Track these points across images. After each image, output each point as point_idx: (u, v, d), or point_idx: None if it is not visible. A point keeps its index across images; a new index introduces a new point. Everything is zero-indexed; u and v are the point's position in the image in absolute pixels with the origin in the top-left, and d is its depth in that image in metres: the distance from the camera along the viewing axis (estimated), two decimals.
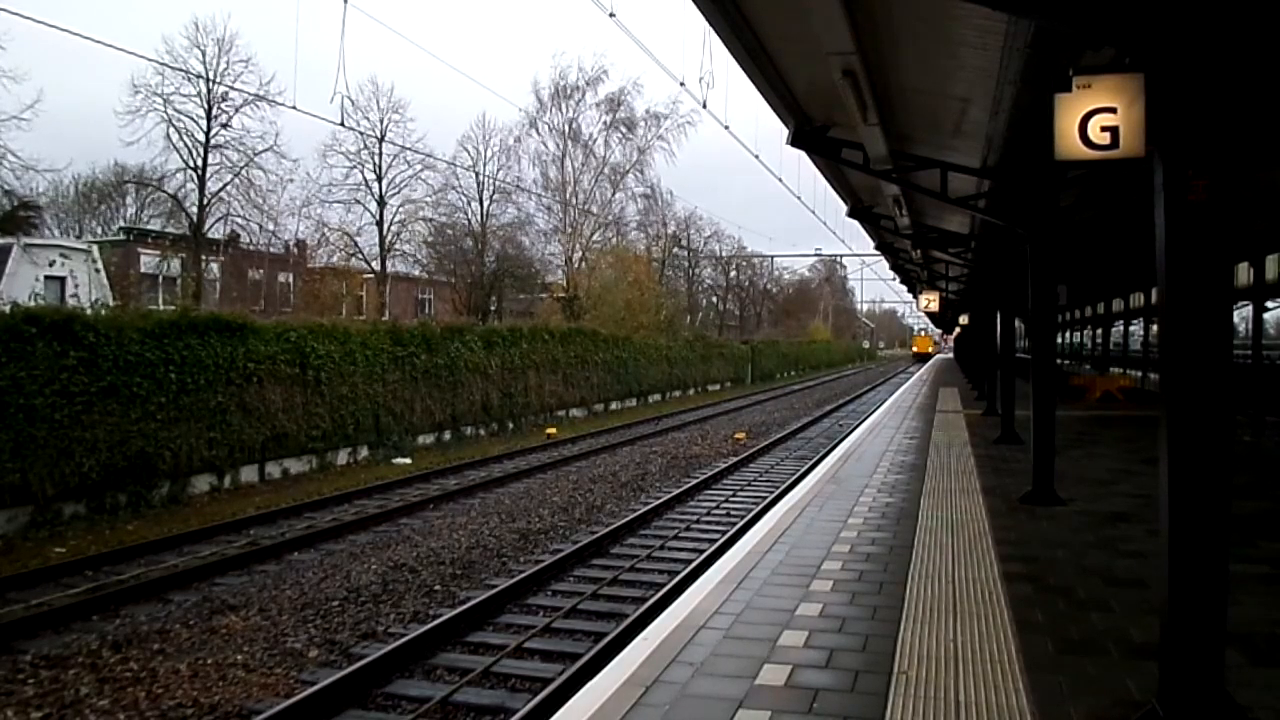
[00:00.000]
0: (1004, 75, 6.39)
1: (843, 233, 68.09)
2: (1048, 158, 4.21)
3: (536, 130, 43.57)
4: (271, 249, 34.21)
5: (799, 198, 24.84)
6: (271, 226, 33.19)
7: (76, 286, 23.31)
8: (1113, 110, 3.87)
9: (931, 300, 29.44)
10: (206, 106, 30.70)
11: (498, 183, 41.89)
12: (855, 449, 12.94)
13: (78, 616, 8.13)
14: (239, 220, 32.35)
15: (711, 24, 6.68)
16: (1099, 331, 36.93)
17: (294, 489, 15.05)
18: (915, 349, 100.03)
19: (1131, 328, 32.01)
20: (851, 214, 15.83)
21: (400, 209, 38.55)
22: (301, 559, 10.24)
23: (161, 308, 21.99)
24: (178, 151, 30.79)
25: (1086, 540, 6.99)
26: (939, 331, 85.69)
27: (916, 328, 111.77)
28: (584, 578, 9.30)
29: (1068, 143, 3.99)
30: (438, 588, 8.91)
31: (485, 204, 41.92)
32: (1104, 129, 3.90)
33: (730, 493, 14.23)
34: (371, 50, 77.14)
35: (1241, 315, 19.30)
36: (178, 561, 10.09)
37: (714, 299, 70.74)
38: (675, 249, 56.87)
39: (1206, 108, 3.43)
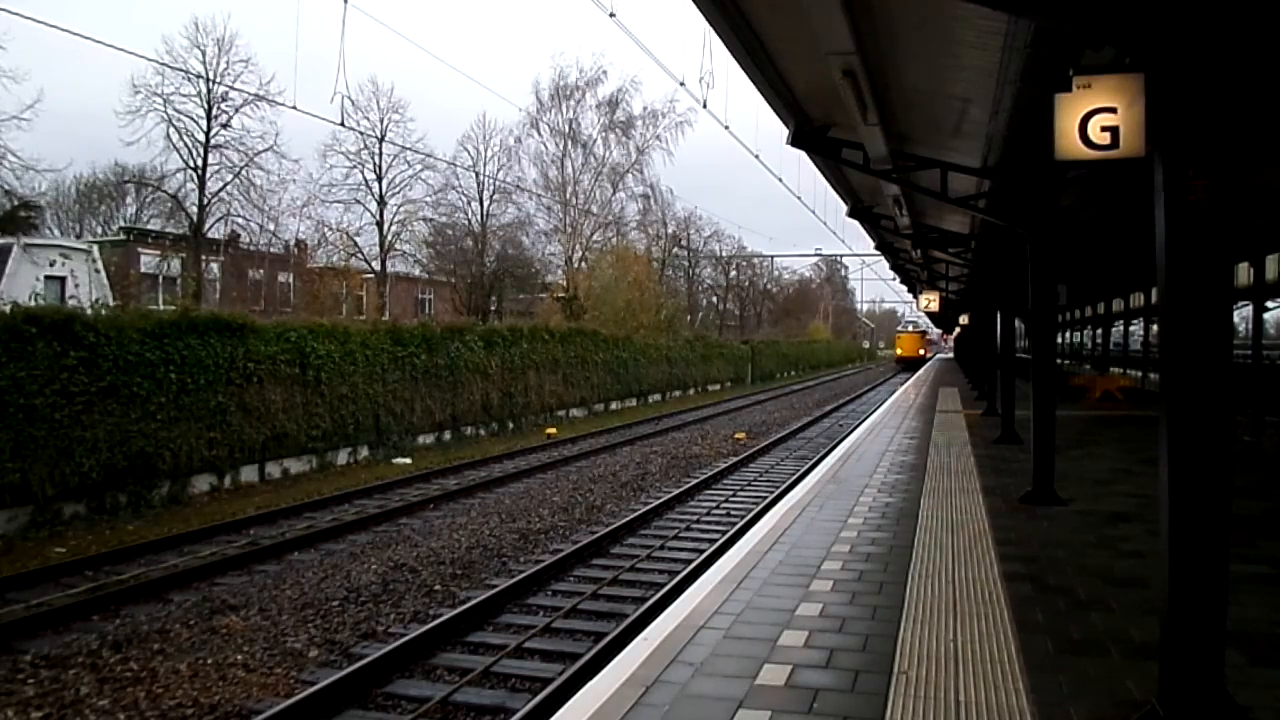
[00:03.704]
0: (1004, 75, 6.39)
1: (843, 233, 68.06)
2: (1048, 158, 4.21)
3: (537, 130, 43.65)
4: (271, 249, 34.23)
5: (799, 198, 24.86)
6: (271, 226, 33.30)
7: (76, 286, 23.28)
8: (1113, 110, 3.87)
9: (931, 300, 29.45)
10: (206, 106, 30.76)
11: (498, 183, 41.99)
12: (855, 449, 12.94)
13: (78, 616, 8.13)
14: (239, 220, 32.45)
15: (711, 24, 6.68)
16: (1099, 331, 36.93)
17: (294, 489, 15.05)
18: (899, 351, 69.79)
19: (1131, 328, 32.01)
20: (851, 214, 15.82)
21: (400, 209, 38.64)
22: (301, 559, 10.24)
23: (161, 308, 21.99)
24: (178, 151, 30.88)
25: (1086, 540, 6.99)
26: (938, 331, 75.73)
27: (904, 321, 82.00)
28: (584, 578, 9.30)
29: (1068, 143, 3.99)
30: (438, 587, 8.91)
31: (485, 204, 42.03)
32: (1104, 129, 3.90)
33: (730, 493, 14.23)
34: (371, 50, 77.24)
35: (1241, 315, 19.31)
36: (178, 561, 10.09)
37: (714, 299, 70.74)
38: (675, 249, 56.88)
39: (1206, 108, 3.44)
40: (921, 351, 68.44)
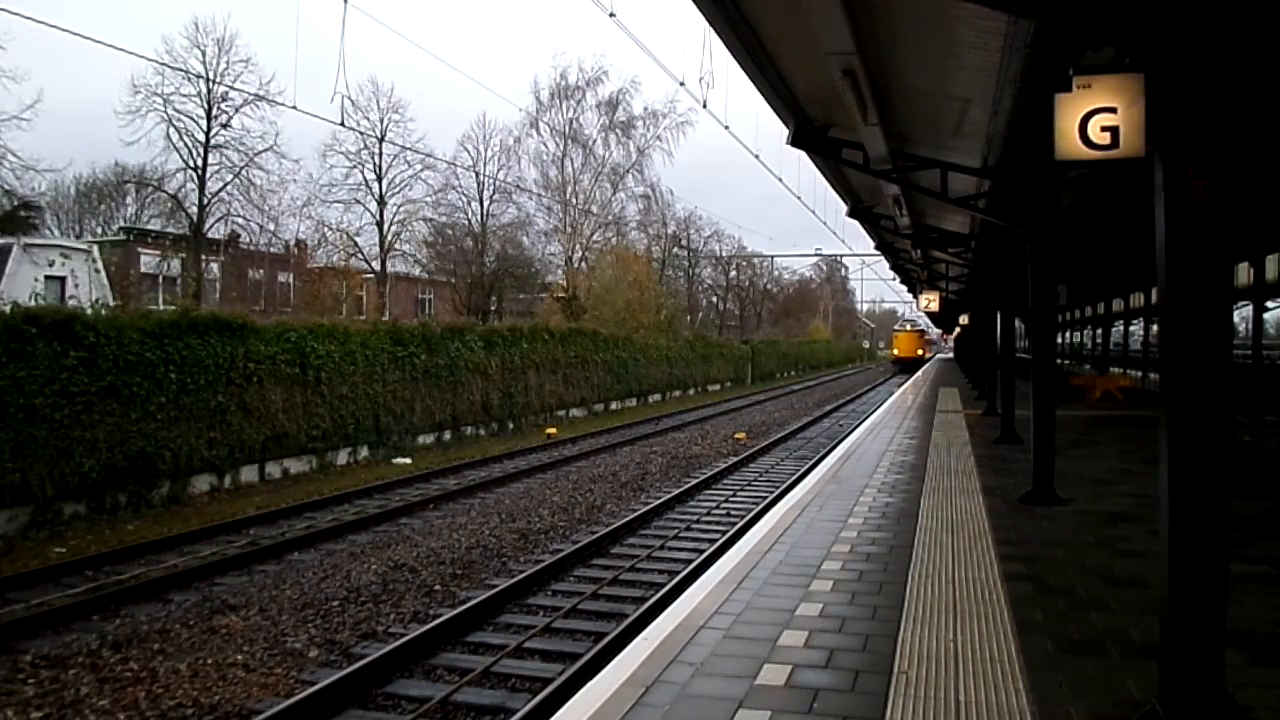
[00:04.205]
0: (1004, 75, 6.39)
1: (843, 233, 67.88)
2: (1048, 158, 4.21)
3: (537, 130, 43.67)
4: (271, 249, 34.24)
5: (799, 198, 24.87)
6: (272, 226, 33.33)
7: (76, 286, 23.30)
8: (1113, 110, 3.88)
9: (931, 300, 29.46)
10: (206, 106, 30.78)
11: (498, 183, 42.01)
12: (855, 449, 12.94)
13: (78, 616, 8.12)
14: (239, 220, 32.47)
15: (711, 24, 6.68)
16: (1099, 331, 36.93)
17: (294, 489, 15.05)
18: (896, 351, 67.34)
19: (1131, 328, 32.00)
20: (851, 214, 15.82)
21: (400, 209, 38.66)
22: (301, 559, 10.24)
23: (161, 308, 21.98)
24: (178, 151, 30.90)
25: (1086, 540, 6.99)
26: (938, 331, 74.29)
27: (902, 320, 79.22)
28: (584, 578, 9.30)
29: (1068, 143, 3.99)
30: (438, 587, 8.91)
31: (485, 204, 42.06)
32: (1104, 129, 3.90)
33: (730, 493, 14.23)
34: (371, 50, 77.30)
35: (1241, 315, 19.30)
36: (178, 561, 10.09)
37: (714, 299, 70.73)
38: (675, 249, 56.89)
39: (1206, 108, 3.43)
40: (920, 351, 66.12)
